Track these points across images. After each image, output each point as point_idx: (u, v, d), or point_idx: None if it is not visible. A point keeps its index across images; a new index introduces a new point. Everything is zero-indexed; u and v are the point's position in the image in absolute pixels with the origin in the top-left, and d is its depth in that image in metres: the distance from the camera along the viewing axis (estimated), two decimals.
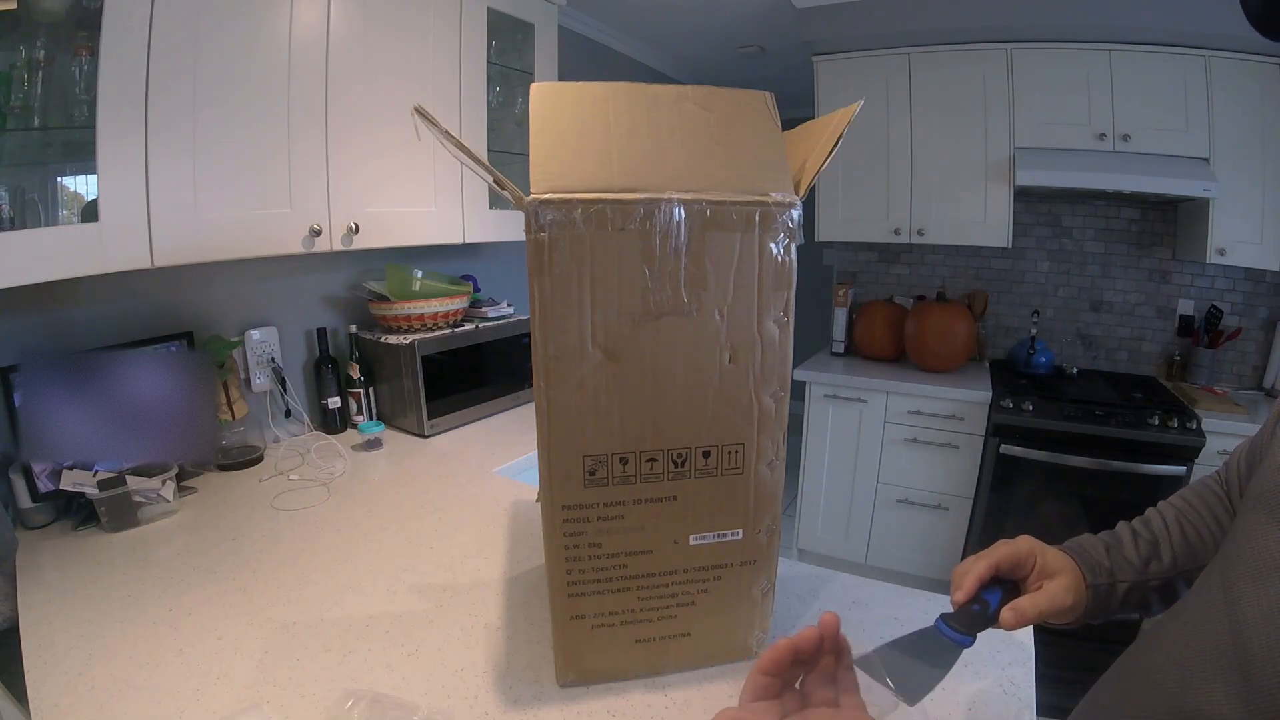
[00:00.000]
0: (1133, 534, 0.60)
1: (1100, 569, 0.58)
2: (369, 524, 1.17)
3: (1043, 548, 0.58)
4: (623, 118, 0.65)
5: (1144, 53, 2.06)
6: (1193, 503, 0.62)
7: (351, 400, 1.70)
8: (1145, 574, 0.57)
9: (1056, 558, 0.58)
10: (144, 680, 0.75)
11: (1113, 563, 0.58)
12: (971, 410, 2.22)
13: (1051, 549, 0.59)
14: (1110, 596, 0.57)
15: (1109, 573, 0.57)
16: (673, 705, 0.71)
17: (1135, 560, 0.58)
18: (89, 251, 1.02)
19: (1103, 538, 0.61)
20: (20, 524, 1.15)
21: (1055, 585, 0.55)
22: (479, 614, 0.88)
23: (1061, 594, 0.54)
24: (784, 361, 0.68)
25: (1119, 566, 0.58)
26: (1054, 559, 0.57)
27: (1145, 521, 0.62)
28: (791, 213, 0.64)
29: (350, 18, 1.33)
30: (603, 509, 0.67)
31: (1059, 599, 0.54)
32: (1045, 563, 0.57)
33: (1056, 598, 0.54)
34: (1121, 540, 0.60)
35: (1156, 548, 0.58)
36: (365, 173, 1.42)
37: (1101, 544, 0.60)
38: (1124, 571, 0.58)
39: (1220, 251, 2.05)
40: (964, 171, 2.34)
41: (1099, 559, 0.58)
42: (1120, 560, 0.58)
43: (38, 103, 1.02)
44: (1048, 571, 0.56)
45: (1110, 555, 0.58)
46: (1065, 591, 0.55)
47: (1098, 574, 0.57)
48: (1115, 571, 0.57)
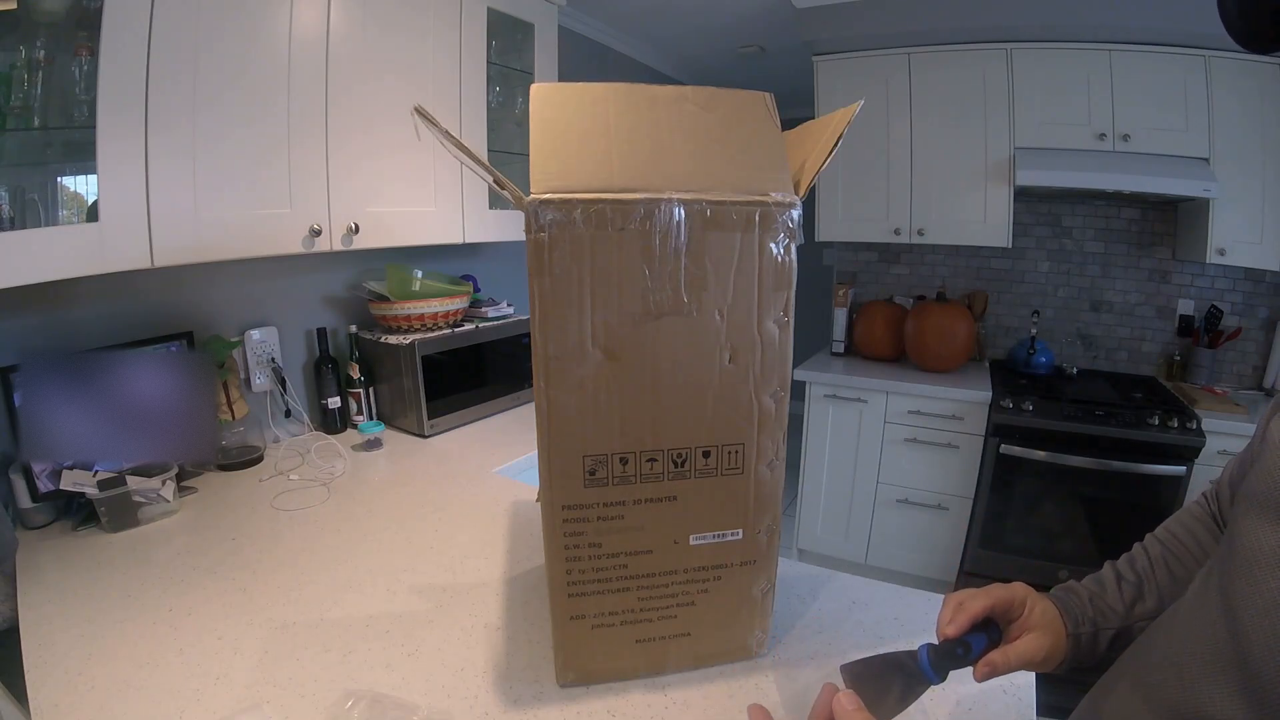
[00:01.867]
0: (1116, 577, 0.61)
1: (1083, 618, 0.58)
2: (369, 524, 1.17)
3: (1037, 598, 0.59)
4: (622, 118, 0.65)
5: (1144, 53, 2.06)
6: (1179, 535, 0.62)
7: (351, 400, 1.70)
8: (1130, 618, 0.58)
9: (1044, 610, 0.58)
10: (144, 680, 0.75)
11: (1095, 611, 0.58)
12: (971, 410, 2.22)
13: (1043, 600, 0.59)
14: (1094, 644, 0.58)
15: (1092, 621, 0.58)
16: (673, 705, 0.71)
17: (1119, 606, 0.58)
18: (89, 251, 1.02)
19: (1088, 585, 0.61)
20: (20, 524, 1.15)
21: (1030, 641, 0.56)
22: (479, 614, 0.88)
23: (1034, 649, 0.56)
24: (784, 361, 0.68)
25: (1101, 614, 0.58)
26: (1041, 612, 0.58)
27: (1130, 560, 0.62)
28: (791, 213, 0.64)
29: (350, 17, 1.33)
30: (603, 509, 0.67)
31: (1030, 654, 0.55)
32: (1031, 613, 0.58)
33: (1027, 653, 0.55)
34: (1105, 586, 0.60)
35: (1141, 589, 0.59)
36: (365, 173, 1.42)
37: (1086, 591, 0.60)
38: (1108, 619, 0.58)
39: (1220, 251, 2.05)
40: (964, 171, 2.34)
41: (1082, 608, 0.59)
42: (1103, 608, 0.59)
43: (38, 103, 1.02)
44: (1030, 624, 0.57)
45: (1093, 604, 0.59)
46: (1038, 648, 0.56)
47: (1080, 623, 0.58)
48: (1098, 620, 0.58)
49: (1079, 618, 0.58)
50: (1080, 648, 0.57)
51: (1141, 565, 0.61)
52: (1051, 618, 0.58)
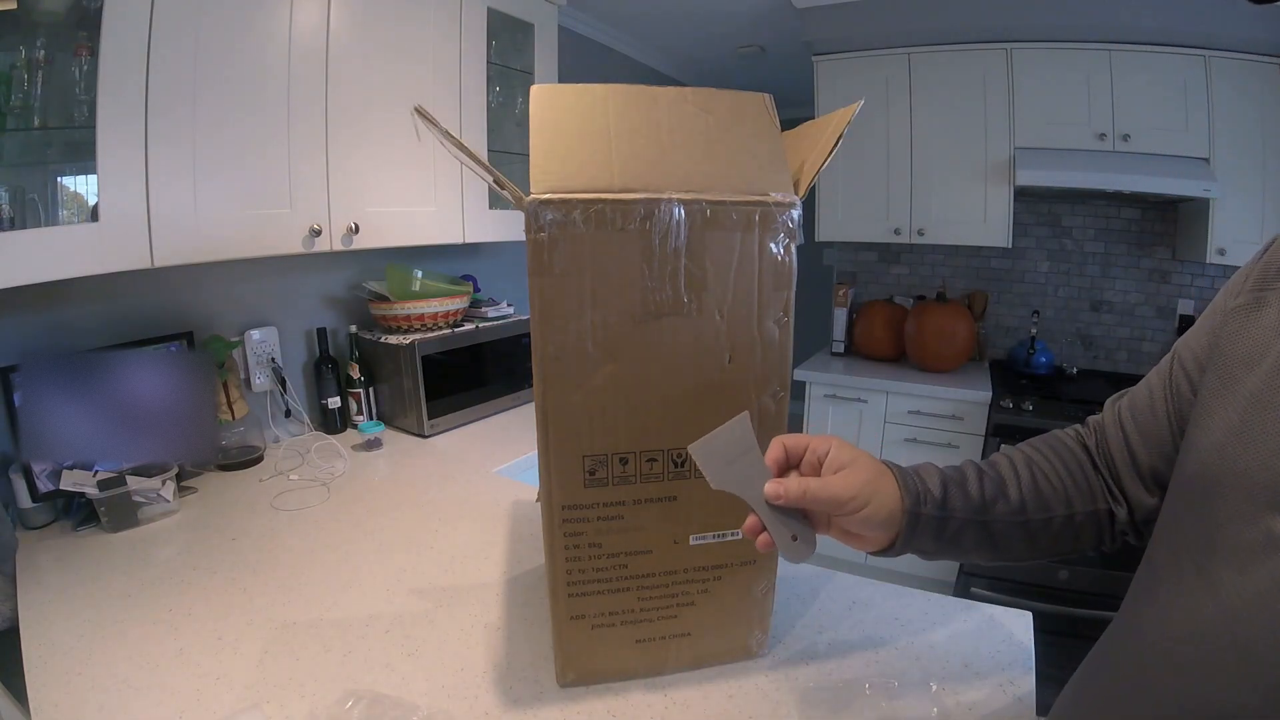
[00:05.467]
0: (978, 472, 0.57)
1: (927, 498, 0.53)
2: (369, 524, 1.17)
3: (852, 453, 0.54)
4: (622, 119, 0.65)
5: (1144, 53, 2.06)
6: (1045, 453, 0.59)
7: (351, 400, 1.70)
8: (990, 514, 0.54)
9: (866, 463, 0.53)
10: (144, 680, 0.75)
11: (947, 495, 0.54)
12: (971, 410, 2.22)
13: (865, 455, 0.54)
14: (940, 530, 0.54)
15: (940, 505, 0.53)
16: (673, 705, 0.71)
17: (977, 497, 0.54)
18: (89, 251, 1.02)
19: (942, 469, 0.57)
20: (20, 524, 1.15)
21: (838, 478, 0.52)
22: (479, 614, 0.88)
23: (839, 486, 0.51)
24: (784, 361, 0.68)
25: (956, 502, 0.54)
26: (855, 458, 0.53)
27: (991, 463, 0.59)
28: (791, 213, 0.64)
29: (350, 17, 1.34)
30: (603, 509, 0.67)
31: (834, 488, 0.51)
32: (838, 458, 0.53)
33: (831, 485, 0.51)
34: (966, 476, 0.56)
35: (1003, 487, 0.55)
36: (365, 172, 1.42)
37: (938, 474, 0.56)
38: (961, 508, 0.54)
39: (1220, 251, 2.05)
40: (964, 171, 2.34)
41: (928, 486, 0.54)
42: (958, 495, 0.54)
43: (38, 103, 1.02)
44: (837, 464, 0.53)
45: (947, 488, 0.54)
46: (845, 485, 0.51)
47: (922, 502, 0.53)
48: (949, 505, 0.54)
49: (921, 496, 0.53)
50: (921, 527, 0.53)
51: (1004, 467, 0.58)
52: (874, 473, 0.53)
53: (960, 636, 0.81)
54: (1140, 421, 0.54)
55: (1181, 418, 0.49)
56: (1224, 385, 0.42)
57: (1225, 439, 0.40)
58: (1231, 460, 0.39)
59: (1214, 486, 0.40)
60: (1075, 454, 0.59)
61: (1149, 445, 0.53)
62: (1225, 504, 0.39)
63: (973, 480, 0.56)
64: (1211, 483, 0.40)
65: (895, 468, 0.56)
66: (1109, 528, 0.56)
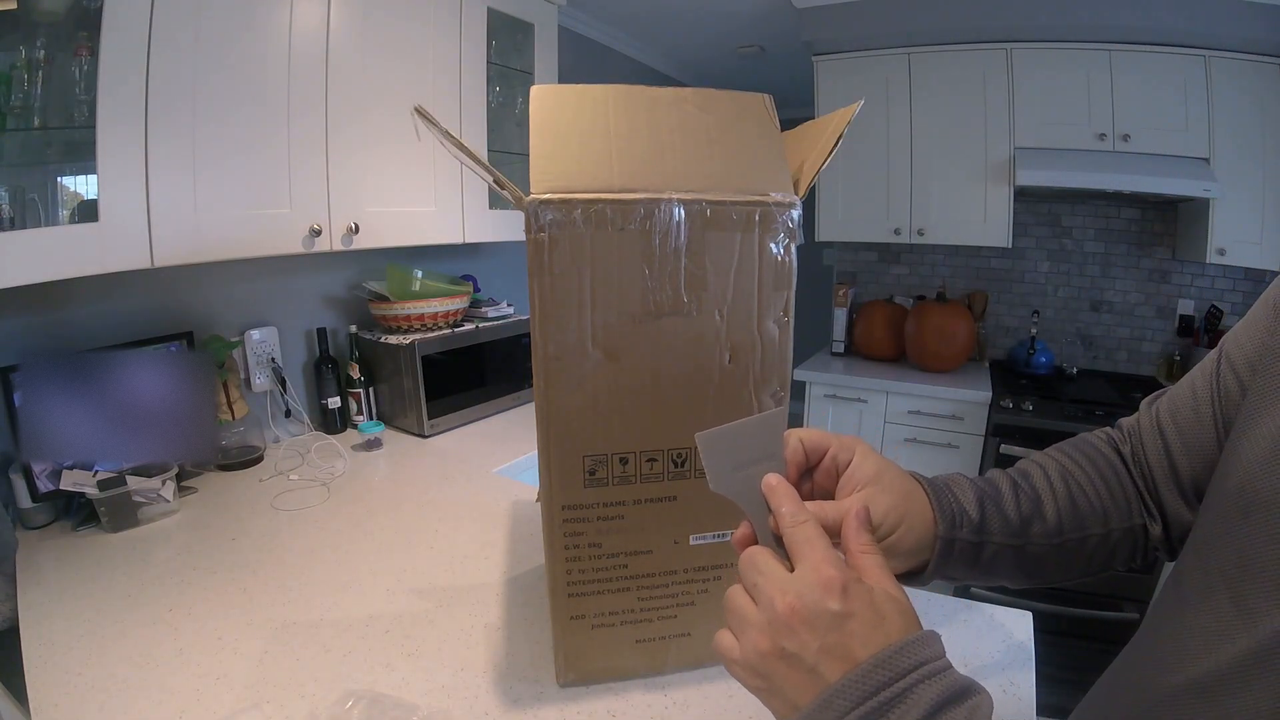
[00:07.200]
0: (1013, 485, 0.50)
1: (964, 520, 0.46)
2: (369, 524, 1.17)
3: (876, 465, 0.45)
4: (622, 119, 0.65)
5: (1144, 53, 2.06)
6: (1079, 462, 0.52)
7: (351, 400, 1.70)
8: (1026, 537, 0.48)
9: (894, 479, 0.45)
10: (144, 680, 0.75)
11: (984, 516, 0.47)
12: (971, 410, 2.22)
13: (891, 467, 0.46)
14: (975, 556, 0.47)
15: (977, 529, 0.47)
16: (673, 705, 0.71)
17: (1014, 517, 0.48)
18: (89, 251, 1.02)
19: (975, 483, 0.49)
20: (20, 524, 1.15)
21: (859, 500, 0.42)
22: (479, 614, 0.88)
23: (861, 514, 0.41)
24: (784, 361, 0.68)
25: (994, 524, 0.47)
26: (880, 472, 0.45)
27: (1024, 474, 0.51)
28: (791, 213, 0.64)
29: (350, 17, 1.33)
30: (603, 509, 0.67)
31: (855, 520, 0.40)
32: (862, 472, 0.44)
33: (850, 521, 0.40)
34: (1001, 492, 0.49)
35: (1039, 505, 0.49)
36: (365, 172, 1.42)
37: (973, 490, 0.48)
38: (999, 530, 0.47)
39: (1220, 251, 2.05)
40: (964, 171, 2.34)
41: (963, 506, 0.47)
42: (995, 515, 0.47)
43: (38, 103, 1.02)
44: (861, 480, 0.44)
45: (984, 508, 0.47)
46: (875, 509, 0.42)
47: (958, 525, 0.46)
48: (987, 528, 0.47)
49: (958, 520, 0.46)
50: (954, 557, 0.46)
51: (1039, 480, 0.50)
52: (903, 494, 0.45)
53: (960, 636, 0.81)
54: (1182, 426, 0.48)
55: (1229, 423, 0.43)
56: (1278, 391, 0.37)
57: (1274, 452, 0.35)
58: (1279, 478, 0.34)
59: (1255, 505, 0.35)
60: (1111, 462, 0.52)
61: (1191, 454, 0.47)
62: (1268, 525, 0.34)
63: (1008, 497, 0.49)
64: (1253, 500, 0.36)
65: (926, 483, 0.48)
66: (1142, 544, 0.51)
